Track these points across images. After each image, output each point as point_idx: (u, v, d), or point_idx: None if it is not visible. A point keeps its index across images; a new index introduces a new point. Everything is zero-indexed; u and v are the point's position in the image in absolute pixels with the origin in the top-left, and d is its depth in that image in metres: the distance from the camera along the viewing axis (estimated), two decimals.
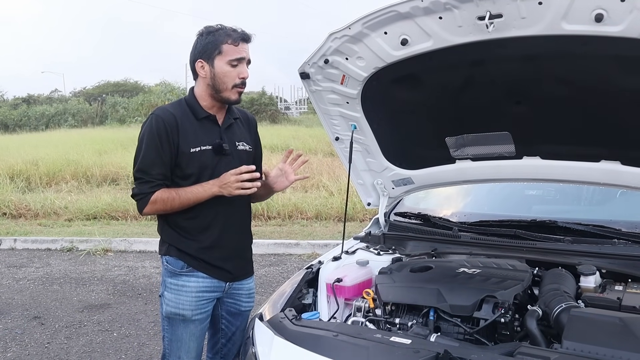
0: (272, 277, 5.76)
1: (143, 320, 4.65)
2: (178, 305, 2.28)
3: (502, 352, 1.62)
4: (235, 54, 2.20)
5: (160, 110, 2.26)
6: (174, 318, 2.30)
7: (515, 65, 2.02)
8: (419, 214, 2.86)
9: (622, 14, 1.65)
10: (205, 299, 2.31)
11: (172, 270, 2.30)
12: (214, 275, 2.31)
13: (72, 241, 7.42)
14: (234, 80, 2.22)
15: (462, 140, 2.40)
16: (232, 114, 2.37)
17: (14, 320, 4.72)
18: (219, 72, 2.21)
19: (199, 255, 2.28)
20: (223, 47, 2.19)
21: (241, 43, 2.21)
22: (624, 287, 1.94)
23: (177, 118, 2.22)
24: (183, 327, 2.30)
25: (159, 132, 2.19)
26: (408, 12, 1.93)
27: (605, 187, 2.35)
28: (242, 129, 2.41)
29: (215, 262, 2.30)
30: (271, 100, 30.30)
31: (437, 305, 1.90)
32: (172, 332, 2.33)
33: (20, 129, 30.10)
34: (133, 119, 28.42)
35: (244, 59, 2.23)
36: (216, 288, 2.33)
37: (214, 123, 2.30)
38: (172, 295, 2.30)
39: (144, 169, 2.22)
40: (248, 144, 2.39)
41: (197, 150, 2.22)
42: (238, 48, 2.20)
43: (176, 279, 2.29)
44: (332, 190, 9.29)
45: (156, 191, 2.20)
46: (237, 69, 2.21)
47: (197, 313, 2.30)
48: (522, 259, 2.20)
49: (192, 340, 2.33)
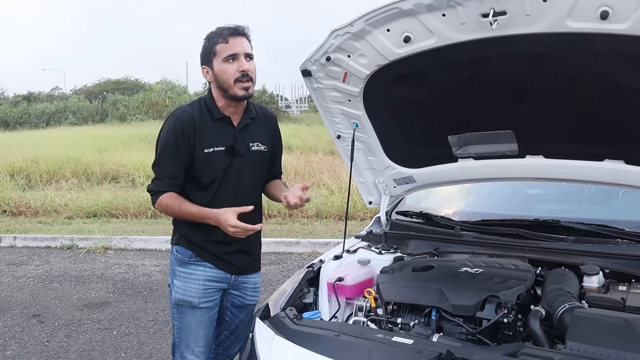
0: (272, 275, 5.75)
1: (143, 318, 4.64)
2: (186, 293, 2.36)
3: (505, 352, 1.61)
4: (228, 50, 2.22)
5: (179, 111, 2.33)
6: (182, 305, 2.38)
7: (519, 63, 2.01)
8: (421, 213, 2.85)
9: (628, 11, 1.63)
10: (211, 288, 2.39)
11: (181, 259, 2.39)
12: (219, 267, 2.39)
13: (72, 239, 7.42)
14: (234, 75, 2.23)
15: (464, 138, 2.38)
16: (250, 113, 2.39)
17: (13, 318, 4.72)
18: (218, 71, 2.25)
19: (206, 247, 2.36)
20: (216, 48, 2.23)
21: (231, 39, 2.22)
22: (628, 287, 1.93)
23: (195, 119, 2.28)
24: (191, 314, 2.38)
25: (175, 132, 2.26)
26: (411, 9, 1.91)
27: (608, 187, 2.33)
28: (259, 128, 2.43)
29: (221, 255, 2.38)
30: (272, 99, 30.28)
31: (440, 305, 1.89)
32: (180, 319, 2.40)
33: (21, 127, 30.11)
34: (133, 117, 28.43)
35: (237, 54, 2.22)
36: (222, 279, 2.41)
37: (229, 124, 2.33)
38: (180, 283, 2.38)
39: (159, 167, 2.31)
40: (263, 144, 2.42)
41: (211, 151, 2.28)
42: (229, 45, 2.22)
43: (185, 267, 2.38)
44: (332, 188, 9.28)
45: (166, 192, 2.28)
46: (234, 64, 2.22)
47: (204, 301, 2.37)
48: (524, 259, 2.18)
49: (200, 328, 2.39)
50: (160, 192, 2.29)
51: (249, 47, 2.27)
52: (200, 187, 2.31)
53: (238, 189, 2.33)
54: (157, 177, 2.31)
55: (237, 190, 2.33)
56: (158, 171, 2.31)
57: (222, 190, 2.31)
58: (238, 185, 2.33)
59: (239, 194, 2.33)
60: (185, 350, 2.40)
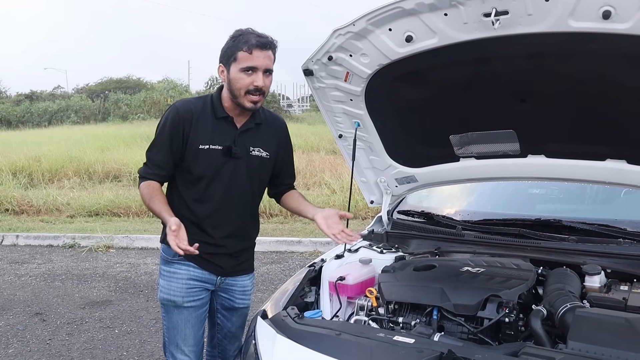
0: (274, 274, 5.76)
1: (144, 317, 4.65)
2: (169, 292, 2.34)
3: (507, 352, 1.61)
4: (248, 62, 2.15)
5: (180, 102, 2.33)
6: (167, 304, 2.37)
7: (521, 63, 2.00)
8: (422, 212, 2.85)
9: (630, 11, 1.63)
10: (195, 287, 2.35)
11: (165, 258, 2.37)
12: (204, 267, 2.35)
13: (74, 238, 7.44)
14: (246, 87, 2.17)
15: (466, 138, 2.38)
16: (256, 118, 2.35)
17: (15, 316, 4.73)
18: (233, 78, 2.19)
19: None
20: (238, 54, 2.16)
21: (256, 51, 2.14)
22: (630, 287, 1.93)
23: (194, 112, 2.26)
24: (177, 314, 2.35)
25: (172, 123, 2.25)
26: (413, 8, 1.91)
27: (610, 186, 2.33)
28: (263, 135, 2.38)
29: (204, 255, 2.28)
30: (273, 98, 30.31)
31: (441, 305, 1.89)
32: (168, 319, 2.39)
33: (23, 125, 30.19)
34: (135, 116, 28.49)
35: (257, 68, 2.16)
36: (207, 279, 2.37)
37: (232, 125, 2.30)
38: (164, 282, 2.36)
39: (150, 152, 2.32)
40: (265, 151, 2.37)
41: (206, 148, 2.25)
42: (252, 56, 2.14)
43: (169, 266, 2.36)
44: (334, 187, 9.28)
45: (148, 180, 2.28)
46: (250, 77, 2.16)
47: (189, 300, 2.34)
48: (526, 258, 2.18)
49: (188, 327, 2.36)
50: (143, 177, 2.30)
51: (271, 62, 2.21)
52: (190, 182, 2.29)
53: (230, 190, 2.30)
54: (145, 162, 2.33)
55: (228, 191, 2.29)
56: (147, 156, 2.32)
57: (212, 188, 2.28)
58: (230, 186, 2.29)
59: (230, 195, 2.30)
60: (175, 349, 2.37)
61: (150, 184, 2.28)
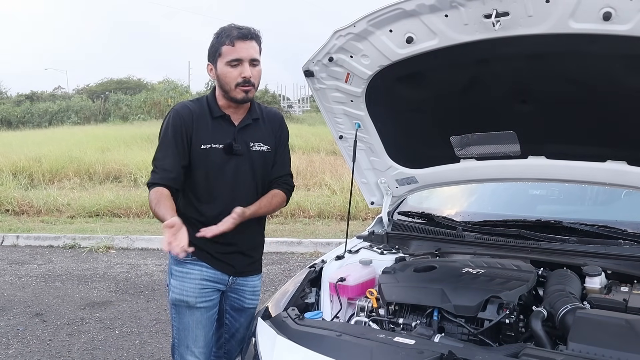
0: (274, 275, 5.76)
1: (145, 318, 4.65)
2: (182, 292, 2.34)
3: (507, 353, 1.61)
4: (232, 54, 2.19)
5: (179, 106, 2.35)
6: (180, 305, 2.36)
7: (522, 64, 2.00)
8: (423, 214, 2.85)
9: (630, 12, 1.63)
10: (208, 288, 2.36)
11: (178, 258, 2.34)
12: (216, 267, 2.36)
13: (74, 238, 7.44)
14: (235, 80, 2.21)
15: (466, 139, 2.38)
16: (253, 114, 2.37)
17: (16, 317, 4.73)
18: (221, 73, 2.24)
19: (203, 246, 2.29)
20: (222, 49, 2.21)
21: (238, 43, 2.18)
22: (630, 288, 1.93)
23: (193, 114, 2.29)
24: (189, 315, 2.35)
25: (174, 126, 2.27)
26: (414, 9, 1.91)
27: (610, 188, 2.33)
28: (262, 129, 2.40)
29: (217, 255, 2.34)
30: (274, 99, 30.32)
31: (441, 306, 1.89)
32: (179, 320, 2.38)
33: (24, 126, 30.17)
34: (136, 117, 28.49)
35: (242, 59, 2.19)
36: (219, 280, 2.38)
37: (229, 122, 2.32)
38: (177, 282, 2.36)
39: (156, 160, 2.31)
40: (266, 145, 2.39)
41: (208, 147, 2.27)
42: (235, 48, 2.19)
43: (181, 266, 2.36)
44: (334, 188, 9.28)
45: (157, 186, 2.24)
46: (237, 69, 2.20)
47: (201, 300, 2.34)
48: (526, 260, 2.18)
49: (199, 328, 2.36)
50: (152, 184, 2.26)
51: (256, 52, 2.24)
52: (195, 183, 2.30)
53: (235, 186, 2.31)
54: (152, 170, 2.31)
55: (233, 188, 2.31)
56: (154, 164, 2.30)
57: (217, 187, 2.29)
58: (235, 183, 2.31)
59: (235, 191, 2.31)
60: (185, 351, 2.37)
61: (158, 190, 2.23)
